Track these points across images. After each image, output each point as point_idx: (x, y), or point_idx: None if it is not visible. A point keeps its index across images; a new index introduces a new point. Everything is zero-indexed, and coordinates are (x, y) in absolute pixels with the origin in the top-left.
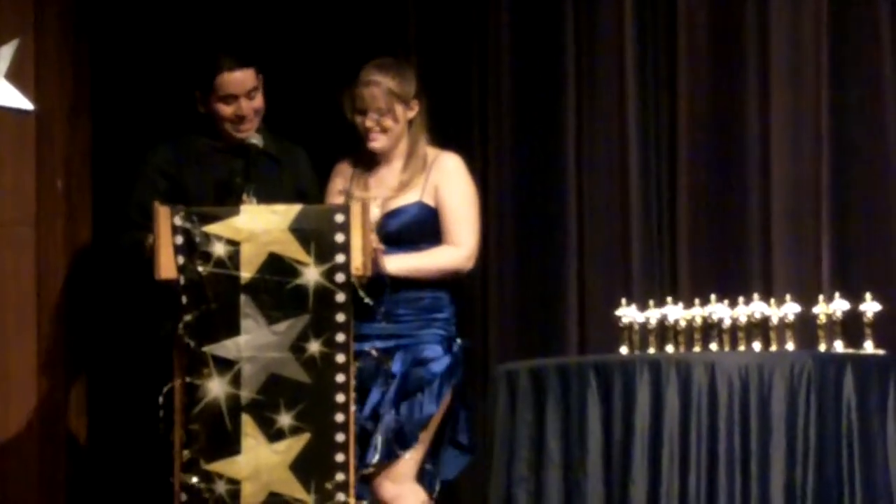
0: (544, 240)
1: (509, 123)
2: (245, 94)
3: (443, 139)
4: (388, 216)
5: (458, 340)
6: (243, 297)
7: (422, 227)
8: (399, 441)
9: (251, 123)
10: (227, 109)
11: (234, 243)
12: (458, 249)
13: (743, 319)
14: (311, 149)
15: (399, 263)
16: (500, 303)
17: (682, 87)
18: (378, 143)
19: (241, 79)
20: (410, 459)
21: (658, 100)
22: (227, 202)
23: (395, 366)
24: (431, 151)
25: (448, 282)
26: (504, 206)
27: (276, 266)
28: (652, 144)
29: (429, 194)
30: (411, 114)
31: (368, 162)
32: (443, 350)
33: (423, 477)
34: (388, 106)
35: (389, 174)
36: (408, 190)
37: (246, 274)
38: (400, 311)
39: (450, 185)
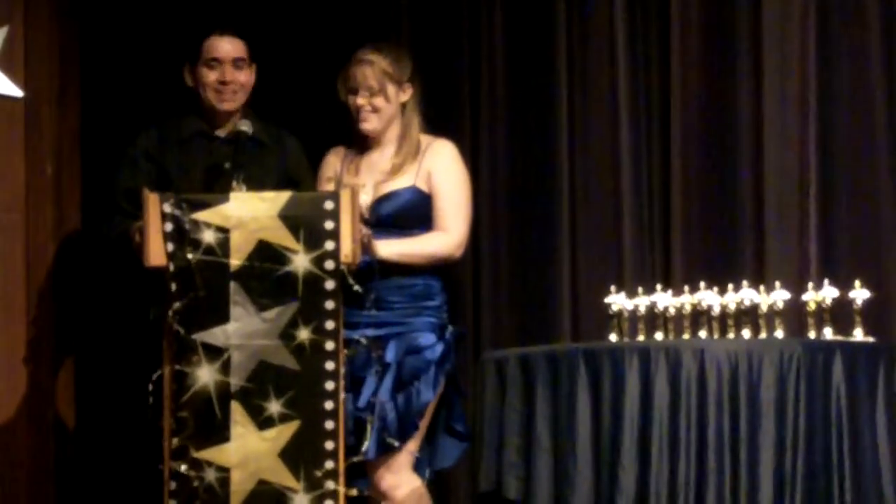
0: (536, 225)
1: (501, 108)
2: (231, 62)
3: (434, 123)
4: (381, 200)
5: (451, 328)
6: (233, 285)
7: (415, 212)
8: (398, 432)
9: (234, 95)
10: (210, 74)
11: (223, 230)
12: (448, 236)
13: (732, 306)
14: (304, 135)
15: (389, 249)
16: (492, 289)
17: (674, 70)
18: (369, 123)
19: (228, 45)
20: (407, 449)
21: (650, 84)
22: (216, 188)
23: (389, 354)
24: (425, 138)
25: (440, 269)
26: (496, 191)
27: (266, 253)
28: (644, 129)
29: (422, 179)
30: (404, 97)
31: (360, 147)
32: (435, 337)
33: (416, 464)
34: (381, 85)
35: (381, 158)
36: (401, 174)
37: (235, 261)
38: (392, 298)
39: (443, 171)
